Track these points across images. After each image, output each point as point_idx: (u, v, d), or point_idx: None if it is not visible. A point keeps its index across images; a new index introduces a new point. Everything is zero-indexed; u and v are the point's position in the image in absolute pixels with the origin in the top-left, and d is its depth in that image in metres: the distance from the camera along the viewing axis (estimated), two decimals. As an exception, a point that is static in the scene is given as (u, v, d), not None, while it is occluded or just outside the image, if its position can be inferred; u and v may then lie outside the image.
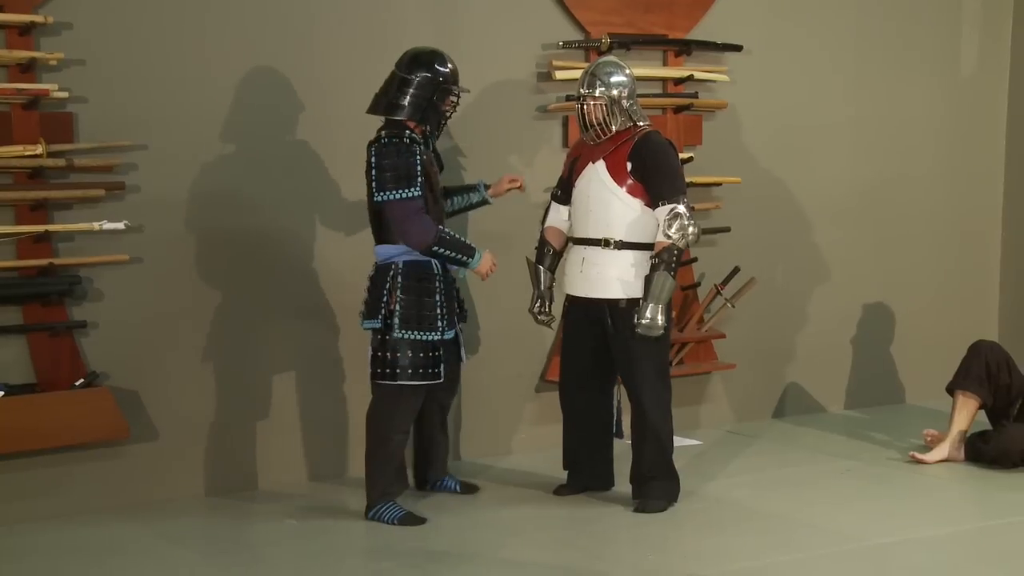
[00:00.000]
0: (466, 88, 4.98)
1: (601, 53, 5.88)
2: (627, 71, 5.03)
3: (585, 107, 4.97)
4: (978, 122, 7.22)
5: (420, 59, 4.86)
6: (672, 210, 4.83)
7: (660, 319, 4.82)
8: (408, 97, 4.80)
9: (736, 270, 6.27)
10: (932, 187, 7.08)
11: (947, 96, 7.10)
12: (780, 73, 6.54)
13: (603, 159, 4.97)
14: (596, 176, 4.97)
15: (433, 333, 4.78)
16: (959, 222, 7.21)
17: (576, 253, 5.07)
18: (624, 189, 4.91)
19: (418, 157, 4.72)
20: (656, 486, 5.00)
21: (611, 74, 4.98)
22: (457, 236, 4.86)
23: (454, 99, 4.92)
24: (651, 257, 4.87)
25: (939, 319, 7.13)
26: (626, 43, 5.96)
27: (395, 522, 4.84)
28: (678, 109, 6.14)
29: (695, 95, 6.19)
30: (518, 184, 5.30)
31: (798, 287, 6.75)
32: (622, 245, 4.93)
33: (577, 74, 5.82)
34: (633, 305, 4.89)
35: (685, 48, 6.17)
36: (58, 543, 4.68)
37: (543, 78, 5.87)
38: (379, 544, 4.68)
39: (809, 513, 4.97)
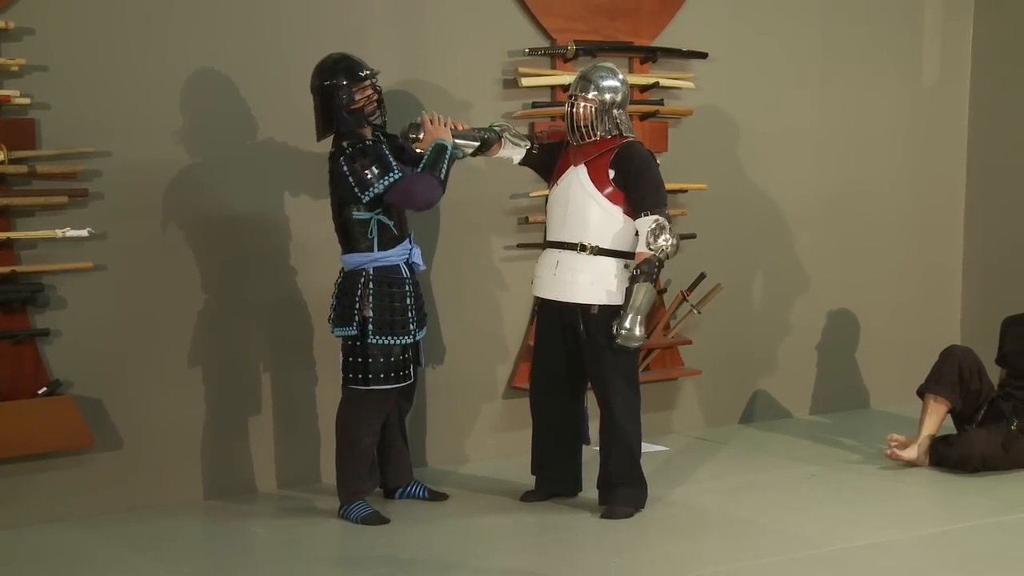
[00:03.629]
0: (373, 70, 4.86)
1: (567, 60, 5.90)
2: (620, 77, 5.02)
3: (575, 108, 4.97)
4: (940, 131, 7.29)
5: (313, 74, 4.88)
6: (656, 221, 4.84)
7: (639, 330, 4.82)
8: (320, 113, 4.87)
9: (702, 276, 6.29)
10: (895, 194, 7.14)
11: (910, 105, 7.17)
12: (745, 80, 6.58)
13: (584, 164, 4.97)
14: (576, 180, 4.97)
15: (406, 337, 4.86)
16: (922, 229, 7.27)
17: (549, 256, 5.05)
18: (604, 195, 4.92)
19: (385, 148, 4.80)
20: (624, 492, 5.01)
21: (604, 79, 4.98)
22: (429, 158, 4.81)
23: (365, 92, 4.83)
24: (633, 268, 4.87)
25: (903, 324, 7.19)
26: (592, 50, 5.98)
27: (359, 521, 4.88)
28: (644, 116, 6.16)
29: (661, 102, 6.22)
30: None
31: (764, 293, 6.79)
32: (598, 251, 4.92)
33: (543, 81, 5.87)
34: (606, 312, 4.89)
35: (651, 55, 6.19)
36: (20, 552, 4.64)
37: (509, 85, 5.88)
38: (347, 552, 4.67)
39: (775, 518, 5.00)
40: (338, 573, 4.47)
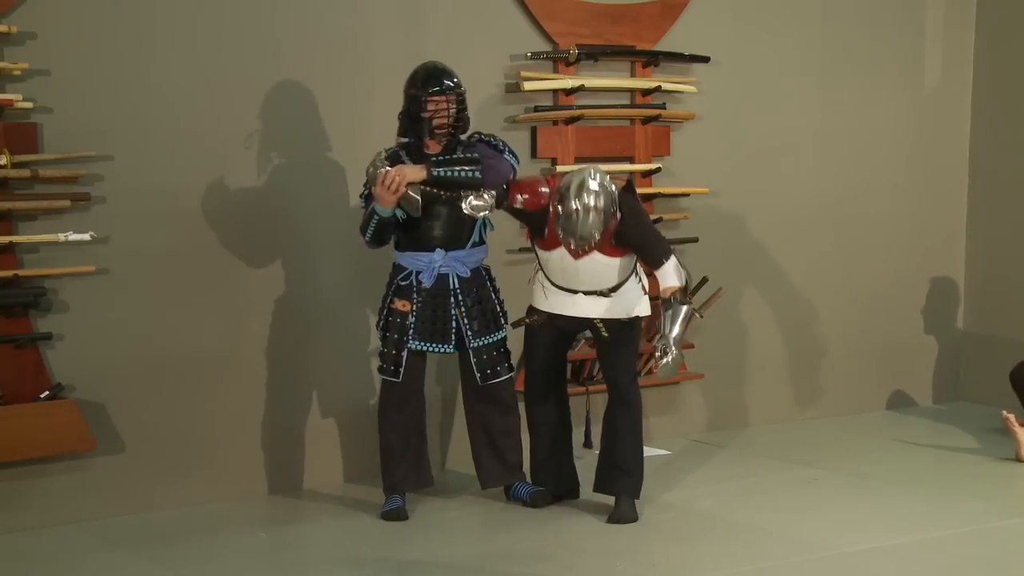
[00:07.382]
0: (435, 88, 4.92)
1: (569, 64, 5.91)
2: (609, 189, 4.79)
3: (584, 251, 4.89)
4: (942, 134, 7.29)
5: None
6: (674, 262, 4.92)
7: (674, 349, 4.86)
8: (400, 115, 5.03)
9: (704, 280, 6.27)
10: (897, 199, 7.14)
11: (912, 110, 7.16)
12: (747, 85, 6.58)
13: None
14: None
15: (385, 332, 5.03)
16: (924, 233, 7.27)
17: (564, 294, 5.04)
18: (613, 256, 4.93)
19: (370, 170, 4.85)
20: (625, 483, 5.02)
21: (599, 197, 4.74)
22: (364, 217, 4.93)
23: (434, 106, 4.91)
24: (668, 297, 4.89)
25: (905, 328, 7.18)
26: (594, 54, 5.98)
27: (380, 515, 5.01)
28: (646, 120, 6.16)
29: (663, 106, 6.22)
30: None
31: (766, 297, 6.78)
32: (616, 288, 4.99)
33: (545, 85, 5.87)
34: (631, 321, 5.00)
35: (653, 59, 6.20)
36: (20, 556, 4.64)
37: (511, 89, 5.88)
38: (348, 555, 4.66)
39: (776, 522, 5.00)
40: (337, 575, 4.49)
